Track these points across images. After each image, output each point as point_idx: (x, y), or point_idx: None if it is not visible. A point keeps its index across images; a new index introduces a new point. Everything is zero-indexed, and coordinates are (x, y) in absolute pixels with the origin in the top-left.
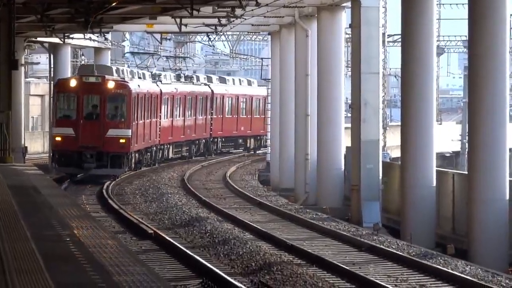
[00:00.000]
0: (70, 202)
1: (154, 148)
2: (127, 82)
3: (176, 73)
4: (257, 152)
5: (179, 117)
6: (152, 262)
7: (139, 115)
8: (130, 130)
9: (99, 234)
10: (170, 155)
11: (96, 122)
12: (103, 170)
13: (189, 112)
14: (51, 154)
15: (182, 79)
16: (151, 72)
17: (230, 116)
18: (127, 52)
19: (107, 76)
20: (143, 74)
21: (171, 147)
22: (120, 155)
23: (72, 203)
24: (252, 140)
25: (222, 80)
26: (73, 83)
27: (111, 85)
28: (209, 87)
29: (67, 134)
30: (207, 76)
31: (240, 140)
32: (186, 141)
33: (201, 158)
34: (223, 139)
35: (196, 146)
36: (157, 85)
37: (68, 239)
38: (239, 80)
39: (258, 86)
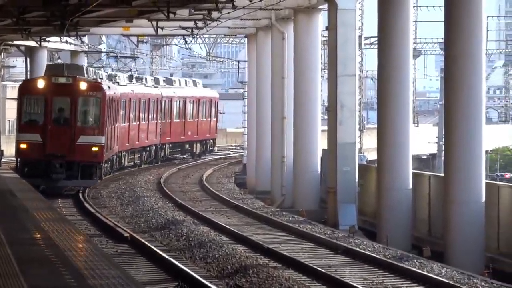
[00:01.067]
0: (45, 206)
1: (114, 156)
2: (101, 84)
3: (129, 73)
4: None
5: (134, 121)
6: (127, 265)
7: (109, 120)
8: (104, 137)
9: (75, 238)
10: (126, 163)
11: (66, 128)
12: (73, 182)
13: (143, 116)
14: (16, 163)
15: (134, 81)
16: (107, 73)
17: (178, 121)
18: (85, 51)
19: (78, 77)
20: (101, 74)
21: (127, 154)
22: (92, 165)
23: (48, 206)
24: (198, 145)
25: (169, 82)
26: (40, 84)
27: (83, 86)
28: (158, 89)
29: (33, 141)
30: (154, 77)
31: (187, 146)
32: (139, 148)
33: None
34: (171, 145)
35: (147, 153)
36: (116, 87)
37: (43, 243)
38: (185, 81)
39: (204, 87)
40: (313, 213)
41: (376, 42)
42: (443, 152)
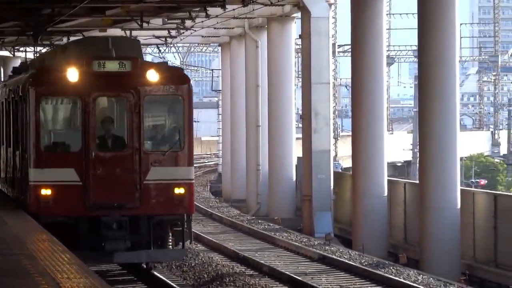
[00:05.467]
0: (23, 217)
1: None
2: (183, 71)
3: None
4: None
5: None
6: (104, 274)
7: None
8: (193, 169)
9: (53, 248)
10: None
11: (123, 155)
12: (142, 255)
13: None
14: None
15: None
16: None
17: None
18: None
19: (140, 60)
20: None
21: None
22: (174, 221)
23: (26, 218)
24: None
25: None
26: (72, 75)
27: (152, 76)
28: None
29: (64, 183)
30: None
31: None
32: None
33: None
34: None
35: None
36: None
37: (20, 253)
38: None
39: None
40: (289, 221)
41: (350, 50)
42: (418, 159)
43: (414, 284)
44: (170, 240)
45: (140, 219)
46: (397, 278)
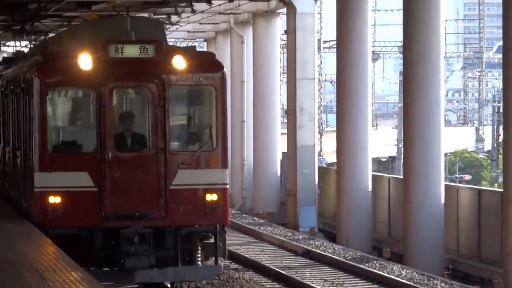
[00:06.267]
0: (15, 214)
1: None
2: (214, 56)
3: None
4: None
5: None
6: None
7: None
8: (228, 171)
9: (39, 241)
10: None
11: (145, 156)
12: (170, 272)
13: None
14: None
15: None
16: None
17: None
18: None
19: (165, 44)
20: None
21: None
22: (207, 232)
23: (18, 214)
24: None
25: None
26: (84, 62)
27: (178, 62)
28: None
29: (76, 189)
30: None
31: None
32: None
33: None
34: None
35: None
36: None
37: (9, 249)
38: None
39: None
40: (273, 215)
41: (335, 45)
42: (402, 155)
43: (398, 279)
44: (199, 255)
45: (166, 231)
46: (380, 273)
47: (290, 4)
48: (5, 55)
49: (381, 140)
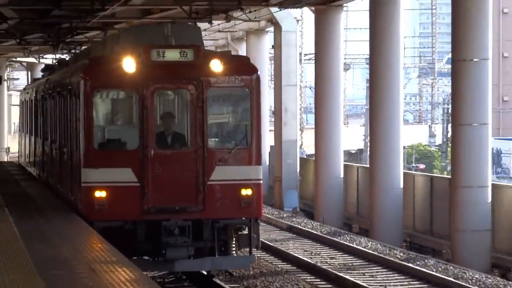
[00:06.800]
0: (45, 193)
1: None
2: (248, 60)
3: None
4: None
5: None
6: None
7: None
8: (261, 168)
9: (87, 234)
10: None
11: (184, 153)
12: (207, 262)
13: None
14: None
15: None
16: None
17: None
18: None
19: (204, 49)
20: None
21: None
22: (242, 224)
23: (47, 194)
24: None
25: None
26: (128, 65)
27: (216, 66)
28: None
29: (120, 184)
30: None
31: None
32: None
33: None
34: None
35: None
36: None
37: (42, 220)
38: None
39: None
40: (263, 197)
41: (314, 58)
42: (368, 148)
43: (365, 249)
44: (234, 246)
45: (204, 224)
46: (350, 244)
47: (277, 24)
48: (43, 65)
49: (351, 136)
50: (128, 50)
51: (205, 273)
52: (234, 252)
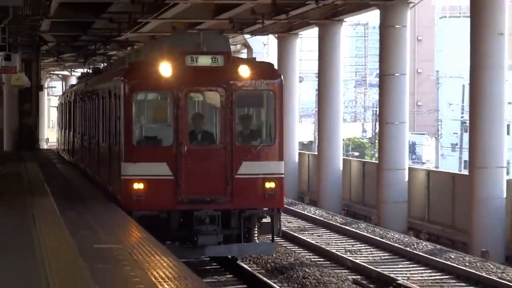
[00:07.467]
0: (78, 174)
1: None
2: (273, 66)
3: None
4: None
5: None
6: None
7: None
8: (283, 163)
9: (126, 223)
10: None
11: (215, 149)
12: (234, 248)
13: None
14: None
15: None
16: None
17: None
18: None
19: (233, 55)
20: None
21: None
22: (265, 214)
23: (80, 175)
24: None
25: None
26: (165, 70)
27: (244, 71)
28: None
29: (157, 177)
30: None
31: None
32: None
33: None
34: None
35: None
36: None
37: (77, 198)
38: None
39: None
40: None
41: None
42: (317, 140)
43: (313, 216)
44: (256, 233)
45: (231, 214)
46: (303, 212)
47: (249, 47)
48: (74, 78)
49: (304, 130)
50: (165, 56)
51: (229, 257)
52: (256, 238)
